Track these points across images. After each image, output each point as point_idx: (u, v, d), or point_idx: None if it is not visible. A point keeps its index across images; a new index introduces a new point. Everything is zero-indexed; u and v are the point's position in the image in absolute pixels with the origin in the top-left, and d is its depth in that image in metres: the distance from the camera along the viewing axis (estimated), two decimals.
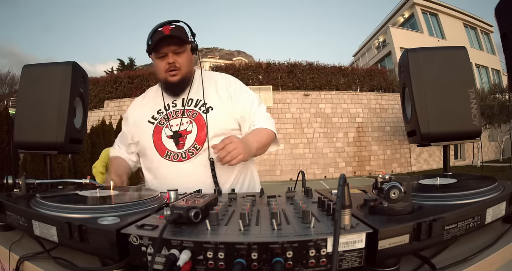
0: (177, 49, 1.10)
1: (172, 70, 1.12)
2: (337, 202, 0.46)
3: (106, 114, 11.90)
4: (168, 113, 1.17)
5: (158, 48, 1.09)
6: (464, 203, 0.61)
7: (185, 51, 1.13)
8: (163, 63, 1.12)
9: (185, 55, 1.14)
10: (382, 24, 19.14)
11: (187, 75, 1.16)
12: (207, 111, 1.14)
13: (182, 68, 1.13)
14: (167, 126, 1.14)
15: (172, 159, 1.11)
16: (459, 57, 1.08)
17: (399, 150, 12.74)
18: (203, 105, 1.15)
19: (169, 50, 1.10)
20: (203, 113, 1.13)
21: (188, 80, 1.18)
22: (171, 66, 1.11)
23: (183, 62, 1.13)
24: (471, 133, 1.06)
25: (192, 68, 1.20)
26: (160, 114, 1.19)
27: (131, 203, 0.68)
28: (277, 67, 12.55)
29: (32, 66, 1.15)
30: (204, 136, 1.10)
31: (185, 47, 1.13)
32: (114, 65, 32.96)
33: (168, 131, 1.14)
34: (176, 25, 1.12)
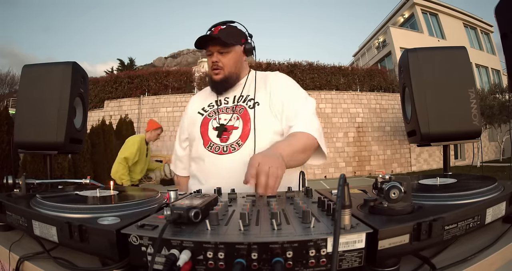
0: (221, 49, 1.14)
1: (215, 69, 1.16)
2: (337, 202, 0.46)
3: (106, 114, 11.90)
4: (219, 108, 1.20)
5: (204, 47, 1.15)
6: (464, 203, 0.61)
7: (230, 52, 1.15)
8: (209, 61, 1.18)
9: (230, 56, 1.16)
10: (382, 24, 19.15)
11: (231, 75, 1.18)
12: (253, 106, 1.14)
13: (225, 68, 1.16)
14: (215, 119, 1.17)
15: (214, 150, 1.11)
16: (459, 57, 1.08)
17: (399, 150, 12.74)
18: (250, 101, 1.16)
19: (214, 49, 1.14)
20: (249, 108, 1.14)
21: (231, 80, 1.19)
22: (214, 64, 1.16)
23: (227, 62, 1.16)
24: (471, 133, 1.06)
25: (239, 69, 1.21)
26: (210, 108, 1.22)
27: (131, 203, 0.68)
28: (277, 67, 12.55)
29: (32, 66, 1.15)
30: (248, 131, 1.10)
31: (230, 49, 1.15)
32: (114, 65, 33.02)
33: (215, 123, 1.16)
34: (228, 26, 1.17)
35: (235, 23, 1.19)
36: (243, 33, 1.20)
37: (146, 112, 11.90)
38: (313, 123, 1.07)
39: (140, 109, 12.03)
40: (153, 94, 12.18)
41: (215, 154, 1.10)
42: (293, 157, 0.95)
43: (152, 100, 11.98)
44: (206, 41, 1.13)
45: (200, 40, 1.11)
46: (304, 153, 1.02)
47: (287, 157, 0.90)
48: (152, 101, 11.98)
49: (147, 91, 12.27)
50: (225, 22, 1.17)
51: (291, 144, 0.98)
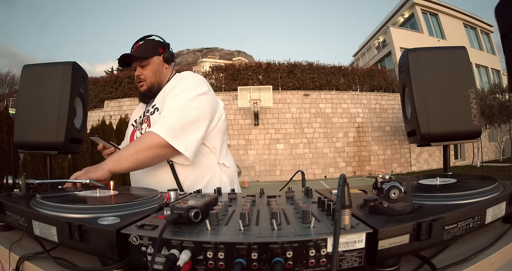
0: (141, 63, 1.24)
1: (139, 81, 1.27)
2: (337, 202, 0.46)
3: (106, 114, 11.90)
4: (143, 118, 1.28)
5: (125, 65, 1.26)
6: (464, 203, 0.61)
7: (149, 64, 1.24)
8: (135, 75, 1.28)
9: (149, 67, 1.25)
10: (382, 24, 19.15)
11: (152, 85, 1.26)
12: (153, 112, 1.22)
13: (147, 79, 1.25)
14: (138, 130, 1.27)
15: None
16: (459, 57, 1.08)
17: (399, 150, 12.74)
18: (152, 107, 1.24)
19: (136, 65, 1.25)
20: (151, 115, 1.22)
21: (154, 89, 1.26)
22: (137, 78, 1.27)
23: (147, 74, 1.25)
24: (471, 133, 1.06)
25: (161, 78, 1.28)
26: (140, 118, 1.31)
27: (131, 203, 0.68)
28: (277, 67, 12.55)
29: (32, 66, 1.15)
30: None
31: (149, 61, 1.24)
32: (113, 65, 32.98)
33: (138, 134, 1.26)
34: (145, 41, 1.26)
35: (152, 36, 1.29)
36: (161, 44, 1.28)
37: None
38: (166, 120, 1.03)
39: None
40: None
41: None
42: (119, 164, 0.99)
43: None
44: (127, 60, 1.23)
45: (121, 60, 1.21)
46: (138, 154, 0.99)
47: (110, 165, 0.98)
48: None
49: None
50: (143, 38, 1.27)
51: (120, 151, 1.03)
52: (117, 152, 1.08)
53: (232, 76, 12.58)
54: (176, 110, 1.06)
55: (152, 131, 1.02)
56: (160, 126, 1.02)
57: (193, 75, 1.21)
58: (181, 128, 1.03)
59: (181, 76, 1.21)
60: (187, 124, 1.04)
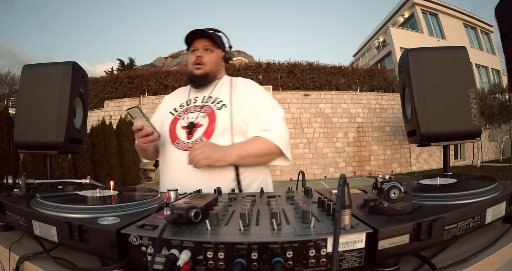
0: (208, 46, 1.21)
1: (198, 63, 1.21)
2: (337, 202, 0.46)
3: (106, 114, 11.89)
4: (188, 107, 1.24)
5: (191, 42, 1.22)
6: (464, 203, 0.61)
7: (214, 51, 1.23)
8: (193, 56, 1.23)
9: (213, 55, 1.23)
10: (382, 24, 19.14)
11: (210, 72, 1.23)
12: (220, 108, 1.19)
13: (207, 64, 1.22)
14: (183, 118, 1.21)
15: (180, 147, 1.14)
16: (459, 57, 1.08)
17: (399, 150, 12.73)
18: (218, 103, 1.20)
19: (200, 45, 1.21)
20: (217, 109, 1.18)
21: (210, 77, 1.24)
22: (197, 59, 1.21)
23: (209, 59, 1.22)
24: (471, 133, 1.06)
25: (218, 70, 1.28)
26: (181, 108, 1.26)
27: (131, 203, 0.68)
28: (277, 67, 12.54)
29: (32, 66, 1.15)
30: (212, 129, 1.13)
31: (215, 48, 1.23)
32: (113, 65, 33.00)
33: (183, 122, 1.20)
34: (215, 31, 1.26)
35: (221, 33, 1.29)
36: (225, 43, 1.30)
37: (146, 112, 11.80)
38: (280, 133, 1.14)
39: (140, 109, 12.02)
40: (153, 94, 12.17)
41: (181, 150, 1.14)
42: (243, 159, 1.08)
43: (152, 100, 11.97)
44: (194, 36, 1.20)
45: (192, 33, 1.18)
46: (259, 158, 1.12)
47: (235, 157, 1.05)
48: (152, 101, 11.97)
49: (147, 91, 12.27)
50: (213, 29, 1.26)
51: (244, 148, 1.09)
52: (240, 145, 1.09)
53: (232, 76, 12.58)
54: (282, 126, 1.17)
55: (272, 141, 1.10)
56: (277, 138, 1.12)
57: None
58: (287, 141, 1.16)
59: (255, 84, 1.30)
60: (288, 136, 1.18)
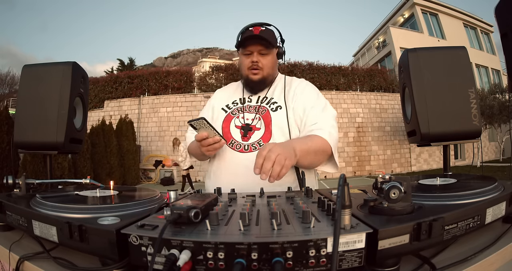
0: (263, 50, 1.15)
1: (255, 69, 1.17)
2: (337, 202, 0.46)
3: (106, 114, 11.89)
4: (244, 106, 1.20)
5: (245, 46, 1.15)
6: (464, 203, 0.61)
7: (270, 53, 1.17)
8: (248, 60, 1.17)
9: (269, 57, 1.18)
10: (382, 24, 19.14)
11: (268, 76, 1.19)
12: (275, 110, 1.16)
13: (264, 69, 1.17)
14: (237, 117, 1.17)
15: (235, 148, 1.12)
16: (459, 57, 1.08)
17: (399, 150, 12.73)
18: (273, 104, 1.18)
19: (255, 49, 1.15)
20: (272, 111, 1.15)
21: (268, 81, 1.21)
22: (254, 64, 1.16)
23: (266, 63, 1.17)
24: (471, 133, 1.06)
25: (274, 71, 1.24)
26: (234, 105, 1.22)
27: (131, 203, 0.68)
28: (277, 67, 12.54)
29: (32, 66, 1.15)
30: (270, 133, 1.11)
31: (271, 50, 1.17)
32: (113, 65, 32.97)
33: (238, 122, 1.16)
34: (266, 28, 1.17)
35: (271, 27, 1.20)
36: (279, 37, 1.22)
37: (146, 112, 11.89)
38: (331, 133, 1.08)
39: (140, 109, 12.01)
40: (153, 94, 12.17)
41: (236, 151, 1.11)
42: (305, 156, 0.96)
43: (152, 100, 11.97)
44: (248, 40, 1.13)
45: (247, 37, 1.12)
46: (316, 155, 1.03)
47: (300, 152, 0.92)
48: (152, 101, 11.97)
49: (147, 91, 12.27)
50: (263, 24, 1.17)
51: (306, 142, 1.00)
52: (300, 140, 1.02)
53: (232, 76, 12.57)
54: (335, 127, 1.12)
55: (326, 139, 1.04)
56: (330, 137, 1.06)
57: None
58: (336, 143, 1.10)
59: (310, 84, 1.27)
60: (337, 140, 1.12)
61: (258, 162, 0.78)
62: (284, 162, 0.80)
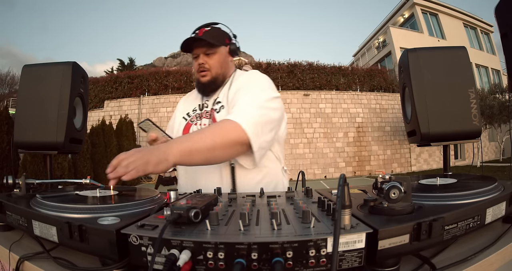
0: (207, 51, 1.14)
1: (202, 70, 1.15)
2: (337, 202, 0.46)
3: (106, 114, 11.89)
4: (201, 113, 1.19)
5: (190, 50, 1.15)
6: (464, 203, 0.61)
7: (216, 53, 1.15)
8: (196, 63, 1.17)
9: (216, 57, 1.15)
10: (382, 24, 19.14)
11: (217, 76, 1.17)
12: (219, 111, 1.13)
13: (212, 69, 1.15)
14: (195, 124, 1.17)
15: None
16: (459, 57, 1.08)
17: (399, 150, 12.74)
18: (217, 104, 1.15)
19: (200, 51, 1.14)
20: (216, 113, 1.13)
21: (218, 81, 1.18)
22: (201, 67, 1.15)
23: (213, 63, 1.15)
24: (471, 133, 1.06)
25: (225, 71, 1.19)
26: (194, 112, 1.22)
27: (131, 203, 0.68)
28: (277, 67, 12.54)
29: (32, 66, 1.15)
30: None
31: (216, 50, 1.15)
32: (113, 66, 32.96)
33: (195, 128, 1.15)
34: (212, 27, 1.16)
35: (219, 25, 1.19)
36: (227, 34, 1.20)
37: (146, 112, 11.90)
38: (250, 115, 0.92)
39: (140, 109, 12.02)
40: (153, 94, 12.18)
41: None
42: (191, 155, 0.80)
43: (152, 100, 11.98)
44: (192, 43, 1.13)
45: (186, 42, 1.11)
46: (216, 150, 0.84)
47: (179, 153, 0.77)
48: (152, 101, 11.98)
49: (147, 91, 12.27)
50: (209, 24, 1.17)
51: (191, 139, 0.84)
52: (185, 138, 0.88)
53: None
54: (259, 108, 0.97)
55: (237, 122, 0.88)
56: (244, 119, 0.89)
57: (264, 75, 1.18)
58: (260, 126, 0.92)
59: (252, 74, 1.19)
60: (266, 123, 0.95)
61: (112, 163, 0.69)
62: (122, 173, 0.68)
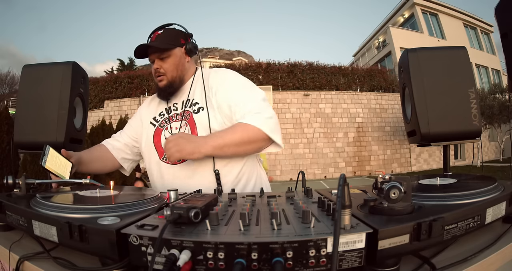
0: (161, 55, 1.13)
1: (158, 75, 1.15)
2: (337, 202, 0.46)
3: (106, 114, 11.90)
4: (170, 116, 1.17)
5: (141, 56, 1.14)
6: (464, 203, 0.61)
7: (170, 56, 1.13)
8: (152, 69, 1.17)
9: (170, 60, 1.14)
10: (382, 24, 19.15)
11: (174, 79, 1.15)
12: (197, 111, 1.11)
13: (167, 73, 1.14)
14: (166, 129, 1.15)
15: (169, 161, 1.08)
16: (459, 57, 1.08)
17: (399, 150, 12.75)
18: (195, 105, 1.13)
19: (154, 57, 1.14)
20: (194, 113, 1.12)
21: (176, 84, 1.16)
22: (156, 72, 1.15)
23: (168, 67, 1.14)
24: (471, 133, 1.06)
25: (182, 73, 1.17)
26: (161, 117, 1.19)
27: (131, 203, 0.68)
28: (277, 67, 12.55)
29: (32, 66, 1.15)
30: None
31: (169, 53, 1.13)
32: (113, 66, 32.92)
33: (167, 133, 1.14)
34: (165, 29, 1.14)
35: (173, 25, 1.16)
36: (182, 34, 1.17)
37: None
38: (260, 115, 1.03)
39: None
40: (153, 94, 12.19)
41: (170, 164, 1.10)
42: (224, 149, 0.99)
43: None
44: (144, 51, 1.12)
45: (137, 50, 1.09)
46: (242, 145, 1.01)
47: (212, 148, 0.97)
48: None
49: (147, 91, 12.27)
50: (162, 26, 1.15)
51: (222, 136, 1.00)
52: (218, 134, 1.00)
53: None
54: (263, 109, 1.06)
55: (255, 126, 1.00)
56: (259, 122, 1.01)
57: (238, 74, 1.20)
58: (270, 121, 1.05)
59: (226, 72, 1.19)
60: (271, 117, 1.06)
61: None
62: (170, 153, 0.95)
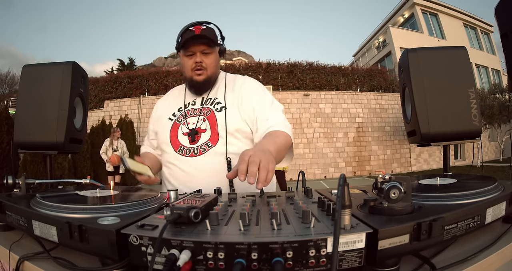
0: (206, 50, 1.13)
1: (199, 69, 1.15)
2: (337, 202, 0.46)
3: (106, 114, 11.90)
4: (187, 111, 1.19)
5: (187, 47, 1.12)
6: (464, 203, 0.61)
7: (213, 52, 1.16)
8: (191, 61, 1.15)
9: (212, 56, 1.16)
10: (382, 24, 19.14)
11: (212, 76, 1.18)
12: (220, 110, 1.14)
13: (208, 69, 1.16)
14: (183, 124, 1.16)
15: (185, 153, 1.11)
16: (459, 57, 1.08)
17: (399, 150, 12.74)
18: (217, 104, 1.16)
19: (198, 49, 1.13)
20: (216, 111, 1.14)
21: (212, 81, 1.19)
22: (197, 65, 1.14)
23: (210, 63, 1.15)
24: (471, 133, 1.06)
25: (217, 70, 1.22)
26: (179, 112, 1.21)
27: (131, 203, 0.68)
28: (277, 67, 12.54)
29: (32, 66, 1.15)
30: (217, 134, 1.11)
31: (213, 49, 1.15)
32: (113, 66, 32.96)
33: (184, 128, 1.15)
34: (207, 26, 1.15)
35: (211, 25, 1.18)
36: (220, 35, 1.20)
37: (146, 112, 11.90)
38: (286, 125, 1.10)
39: (140, 109, 12.03)
40: (153, 94, 12.18)
41: (186, 156, 1.11)
42: (278, 154, 0.95)
43: (152, 100, 11.97)
44: (192, 41, 1.11)
45: (190, 38, 1.09)
46: (284, 151, 1.04)
47: (274, 153, 0.89)
48: (152, 101, 11.97)
49: (147, 91, 12.27)
50: (203, 23, 1.14)
51: (275, 141, 0.99)
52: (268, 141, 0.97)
53: None
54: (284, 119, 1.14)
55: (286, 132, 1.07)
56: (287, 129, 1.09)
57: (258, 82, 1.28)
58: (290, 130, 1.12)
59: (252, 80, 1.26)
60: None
61: (242, 168, 0.71)
62: (268, 166, 0.74)
